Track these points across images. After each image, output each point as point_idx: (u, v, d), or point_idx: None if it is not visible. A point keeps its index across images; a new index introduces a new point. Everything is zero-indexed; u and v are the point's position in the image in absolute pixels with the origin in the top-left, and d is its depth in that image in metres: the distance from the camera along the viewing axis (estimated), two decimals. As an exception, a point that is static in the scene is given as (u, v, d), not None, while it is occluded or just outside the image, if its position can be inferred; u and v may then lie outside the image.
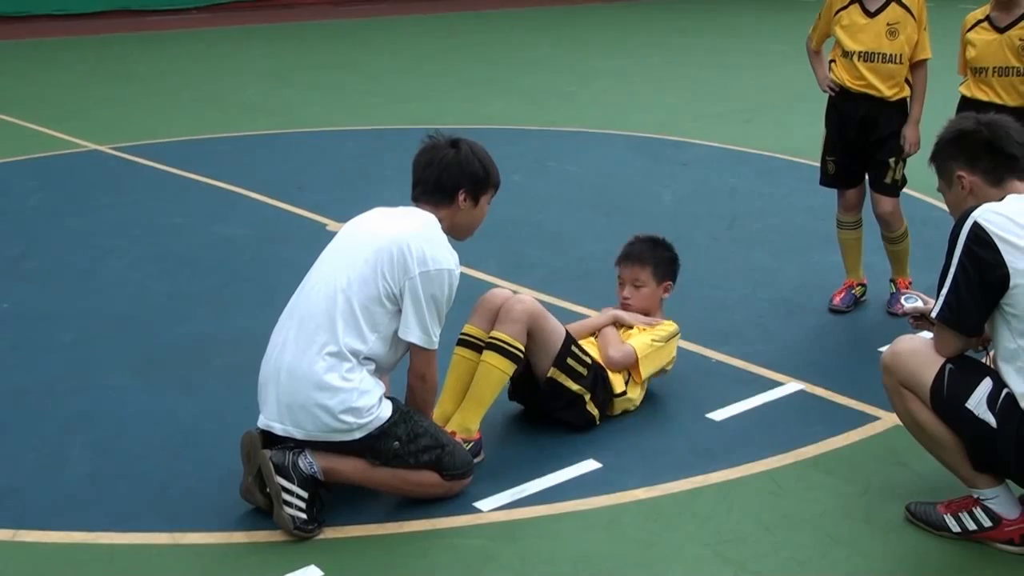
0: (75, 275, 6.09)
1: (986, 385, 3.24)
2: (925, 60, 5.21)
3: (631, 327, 4.41)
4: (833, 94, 5.34)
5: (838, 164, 5.42)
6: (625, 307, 4.52)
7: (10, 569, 3.32)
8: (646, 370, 4.30)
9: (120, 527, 3.52)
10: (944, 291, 3.23)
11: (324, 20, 21.31)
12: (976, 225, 3.17)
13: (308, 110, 11.42)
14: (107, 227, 7.00)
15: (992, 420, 3.20)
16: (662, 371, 4.42)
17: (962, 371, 3.29)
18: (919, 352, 3.37)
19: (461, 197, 3.69)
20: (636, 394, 4.33)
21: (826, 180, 5.53)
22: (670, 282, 4.57)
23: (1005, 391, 3.22)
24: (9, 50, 16.80)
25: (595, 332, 4.43)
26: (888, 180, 5.30)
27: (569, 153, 9.19)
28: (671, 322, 4.49)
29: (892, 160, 5.26)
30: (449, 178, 3.68)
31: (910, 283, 5.45)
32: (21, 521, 3.56)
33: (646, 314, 4.50)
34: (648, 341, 4.33)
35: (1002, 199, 3.25)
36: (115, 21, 20.77)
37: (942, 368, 3.29)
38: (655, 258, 4.53)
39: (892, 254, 5.50)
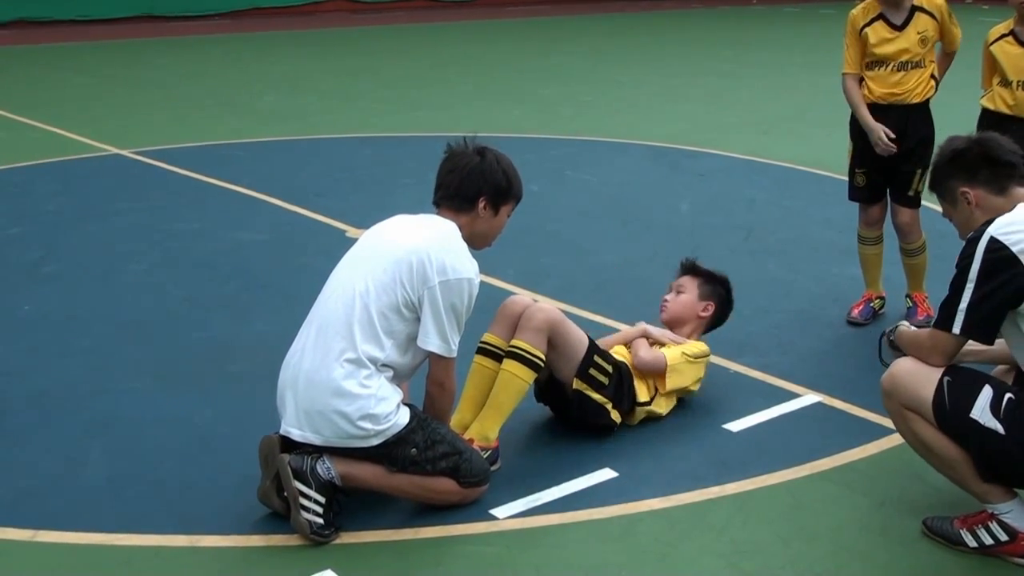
0: (94, 279, 6.12)
1: (987, 393, 3.24)
2: (954, 52, 5.30)
3: (662, 344, 4.41)
4: (893, 151, 5.16)
5: (868, 176, 5.39)
6: (662, 309, 4.56)
7: (29, 570, 3.34)
8: (672, 382, 4.29)
9: (138, 529, 3.54)
10: (962, 305, 3.22)
11: (342, 27, 21.42)
12: (992, 240, 3.19)
13: (327, 116, 11.48)
14: (126, 231, 7.04)
15: (999, 427, 3.20)
16: (687, 391, 4.40)
17: (960, 382, 3.30)
18: (915, 372, 3.37)
19: (481, 205, 3.70)
20: (663, 407, 4.33)
21: (854, 194, 5.49)
22: (711, 303, 4.58)
23: (1007, 396, 3.23)
24: (32, 54, 16.93)
25: (625, 344, 4.43)
26: (911, 192, 5.30)
27: (587, 162, 9.20)
28: (702, 343, 4.50)
29: (918, 171, 5.24)
30: (471, 185, 3.69)
31: (927, 298, 5.42)
32: (40, 522, 3.58)
33: (679, 322, 4.53)
34: (679, 354, 4.33)
35: (1011, 210, 3.28)
36: (137, 26, 20.95)
37: (940, 382, 3.30)
38: (707, 277, 4.60)
39: (909, 268, 5.47)
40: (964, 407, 3.25)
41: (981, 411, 3.23)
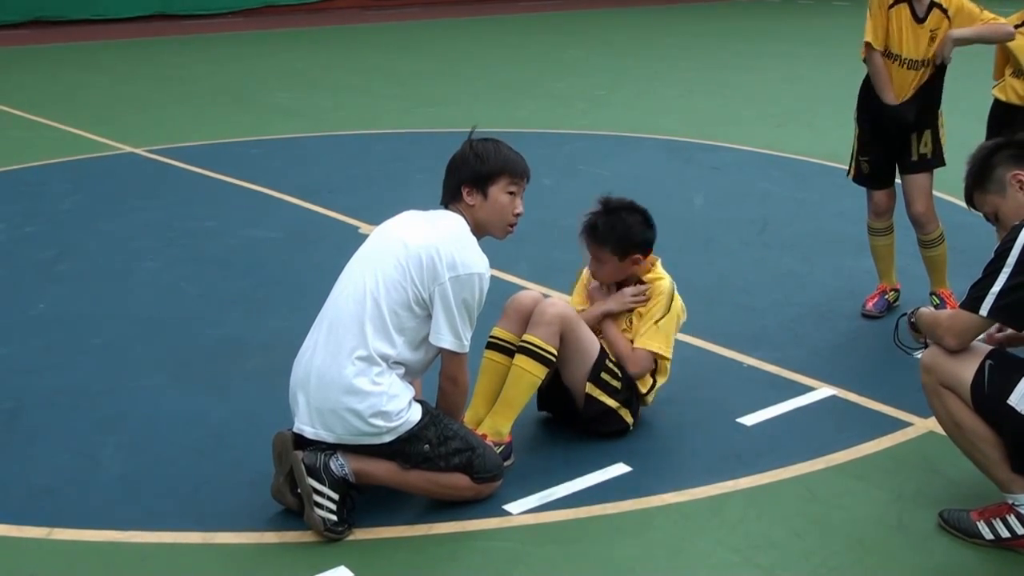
0: (109, 277, 6.14)
1: None
2: (995, 34, 5.09)
3: (629, 313, 4.14)
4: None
5: (872, 164, 5.32)
6: (595, 277, 4.26)
7: (44, 567, 3.36)
8: (668, 350, 4.10)
9: (152, 527, 3.54)
10: (995, 289, 3.20)
11: (355, 24, 21.42)
12: None
13: (339, 113, 11.48)
14: (141, 229, 7.06)
15: None
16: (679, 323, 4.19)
17: (1002, 367, 3.27)
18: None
19: (465, 193, 3.66)
20: (663, 378, 4.19)
21: (859, 178, 5.42)
22: (638, 255, 4.15)
23: None
24: (47, 54, 16.98)
25: (594, 329, 4.13)
26: (915, 156, 5.18)
27: (600, 157, 9.18)
28: (661, 280, 4.16)
29: (914, 136, 5.14)
30: (452, 178, 3.68)
31: (952, 294, 5.31)
32: (55, 520, 3.59)
33: (623, 283, 4.20)
34: (651, 326, 4.10)
35: None
36: (151, 25, 21.00)
37: (981, 365, 3.27)
38: (614, 235, 4.14)
39: (928, 261, 5.39)
40: (1002, 392, 3.23)
41: (1020, 398, 3.20)
